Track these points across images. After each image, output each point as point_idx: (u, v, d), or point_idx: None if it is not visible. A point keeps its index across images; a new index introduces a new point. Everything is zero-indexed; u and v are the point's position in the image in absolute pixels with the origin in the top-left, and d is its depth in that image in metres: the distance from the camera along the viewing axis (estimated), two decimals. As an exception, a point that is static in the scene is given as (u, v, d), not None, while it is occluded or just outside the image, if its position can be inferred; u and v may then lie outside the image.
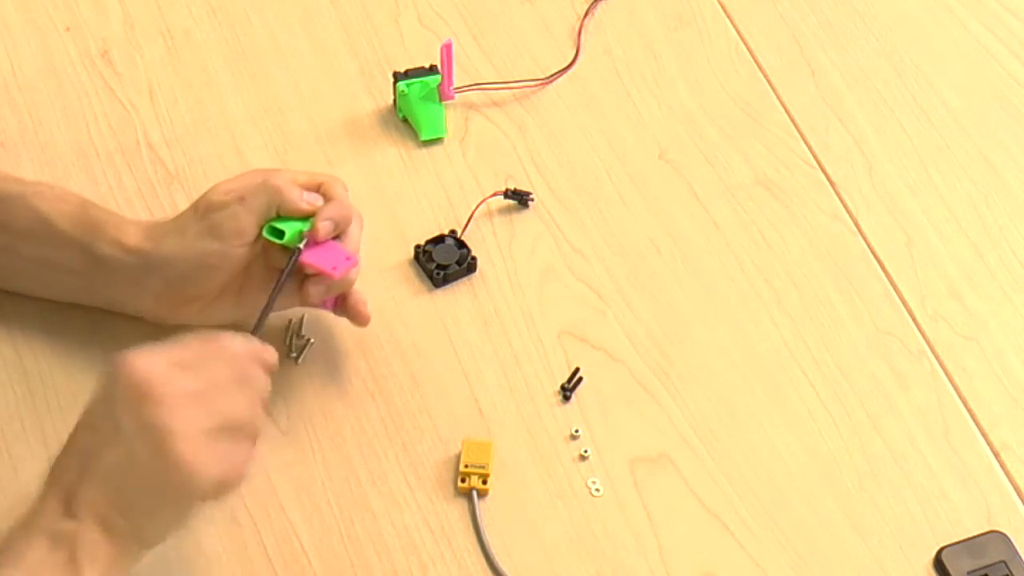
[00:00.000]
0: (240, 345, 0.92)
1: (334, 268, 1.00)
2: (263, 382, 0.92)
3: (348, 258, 1.01)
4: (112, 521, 0.86)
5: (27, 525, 0.86)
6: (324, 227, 1.00)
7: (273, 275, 1.01)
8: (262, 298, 1.00)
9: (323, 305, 1.05)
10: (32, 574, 0.83)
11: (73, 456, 0.87)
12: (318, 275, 1.01)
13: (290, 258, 1.00)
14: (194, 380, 0.87)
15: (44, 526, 0.85)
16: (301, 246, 1.00)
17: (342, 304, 1.05)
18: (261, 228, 1.00)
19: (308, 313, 1.09)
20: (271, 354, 0.94)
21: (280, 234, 1.00)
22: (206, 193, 1.01)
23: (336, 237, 1.02)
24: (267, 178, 1.00)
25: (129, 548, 0.87)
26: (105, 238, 1.01)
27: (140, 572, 0.96)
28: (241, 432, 0.89)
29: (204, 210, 1.00)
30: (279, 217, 1.01)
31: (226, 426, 0.87)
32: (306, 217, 1.00)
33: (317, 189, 1.02)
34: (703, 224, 1.19)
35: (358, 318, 1.05)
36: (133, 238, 1.01)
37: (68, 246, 1.01)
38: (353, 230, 1.03)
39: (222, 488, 0.88)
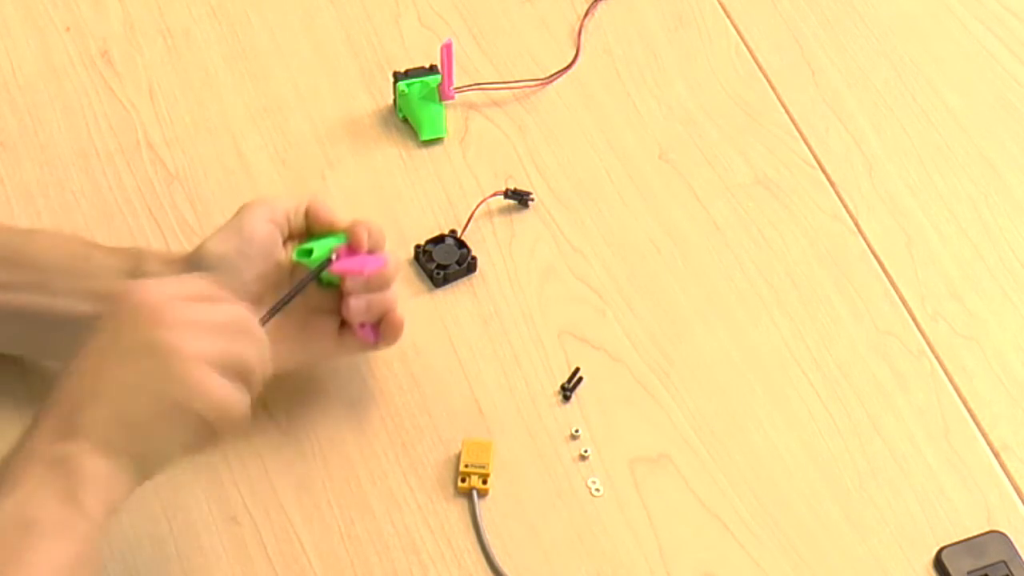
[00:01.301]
0: (237, 303, 0.92)
1: (362, 268, 1.00)
2: (264, 341, 0.91)
3: (377, 259, 1.00)
4: (113, 440, 0.85)
5: (21, 449, 0.85)
6: (360, 234, 1.00)
7: (308, 308, 1.01)
8: (299, 335, 1.00)
9: (363, 335, 1.03)
10: (28, 499, 0.82)
11: (74, 379, 0.87)
12: (354, 293, 1.00)
13: (320, 265, 0.99)
14: (201, 314, 0.88)
15: (40, 450, 0.84)
16: (334, 256, 0.99)
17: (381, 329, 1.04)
18: (291, 237, 1.01)
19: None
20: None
21: (309, 253, 0.99)
22: None
23: None
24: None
25: (128, 471, 0.86)
26: (147, 258, 1.00)
27: (141, 572, 0.97)
28: (241, 375, 0.89)
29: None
30: (309, 238, 1.01)
31: (228, 363, 0.88)
32: (336, 239, 1.00)
33: (353, 221, 1.02)
34: (703, 224, 1.19)
35: (389, 324, 1.03)
36: (174, 254, 1.01)
37: (109, 274, 0.99)
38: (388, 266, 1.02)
39: (223, 418, 0.87)
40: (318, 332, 1.02)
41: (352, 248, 1.00)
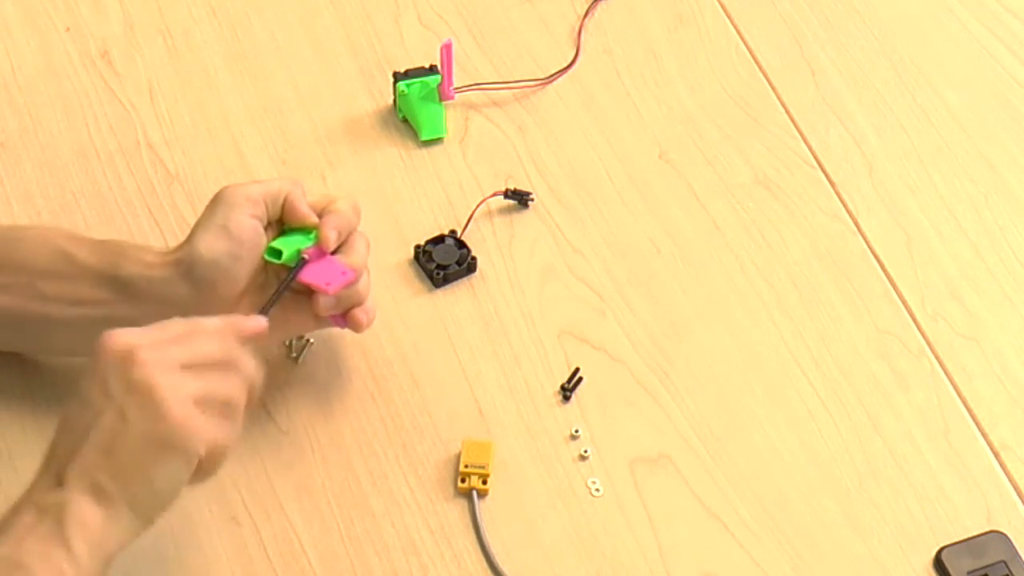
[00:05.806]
0: (221, 323, 0.92)
1: (328, 284, 0.99)
2: (250, 366, 0.92)
3: (344, 272, 1.00)
4: (103, 486, 0.86)
5: (18, 502, 0.86)
6: (329, 236, 1.00)
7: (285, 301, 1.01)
8: (278, 315, 0.99)
9: (335, 322, 1.03)
10: (18, 544, 0.83)
11: (65, 433, 0.88)
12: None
13: (290, 272, 0.99)
14: (180, 352, 0.89)
15: (33, 499, 0.86)
16: (305, 256, 0.99)
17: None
18: (270, 224, 1.00)
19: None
20: (255, 322, 0.94)
21: (279, 254, 1.00)
22: None
23: (339, 251, 1.01)
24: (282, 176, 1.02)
25: (121, 515, 0.86)
26: (128, 259, 0.99)
27: (141, 572, 0.97)
28: (226, 409, 0.89)
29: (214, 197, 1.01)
30: (278, 237, 1.01)
31: (212, 399, 0.88)
32: (306, 234, 1.00)
33: (328, 206, 1.01)
34: (703, 224, 1.19)
35: (351, 321, 1.03)
36: (155, 254, 1.00)
37: (92, 277, 0.99)
38: (359, 246, 1.02)
39: (212, 456, 0.88)
40: (297, 312, 1.02)
41: (321, 249, 1.00)
